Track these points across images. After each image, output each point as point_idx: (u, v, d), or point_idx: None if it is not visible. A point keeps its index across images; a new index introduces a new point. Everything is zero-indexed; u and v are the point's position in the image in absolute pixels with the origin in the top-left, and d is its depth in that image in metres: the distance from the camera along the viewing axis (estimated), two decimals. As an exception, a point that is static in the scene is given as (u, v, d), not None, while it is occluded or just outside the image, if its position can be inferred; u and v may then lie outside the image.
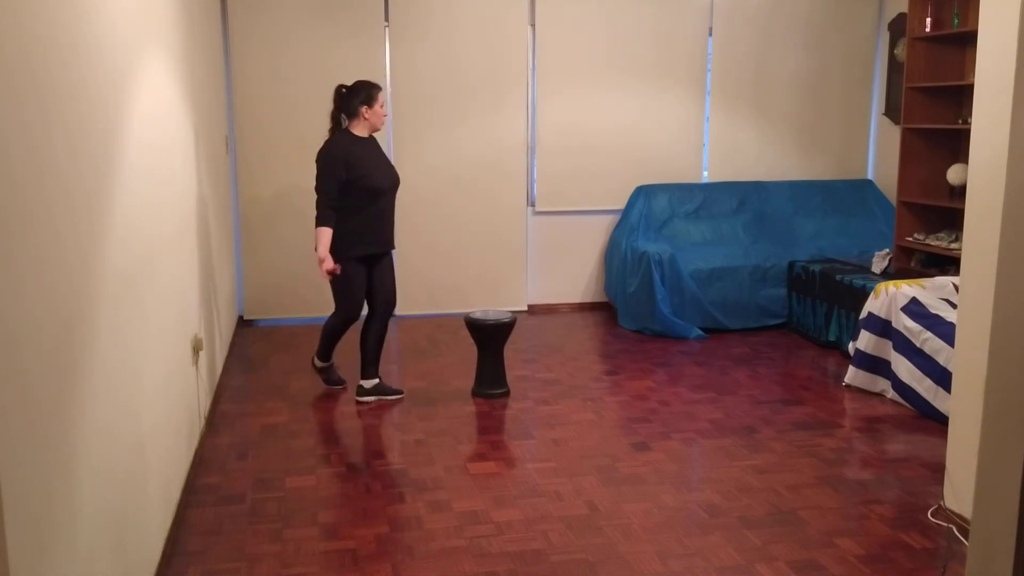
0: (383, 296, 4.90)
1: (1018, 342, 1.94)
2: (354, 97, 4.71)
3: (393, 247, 4.91)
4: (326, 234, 4.59)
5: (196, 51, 4.74)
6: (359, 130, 4.73)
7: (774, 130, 7.24)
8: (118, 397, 2.59)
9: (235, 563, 3.21)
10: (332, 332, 4.99)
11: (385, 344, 5.07)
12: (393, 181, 4.83)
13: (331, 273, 4.64)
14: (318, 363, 5.15)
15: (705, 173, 7.21)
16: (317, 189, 4.63)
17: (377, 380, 4.95)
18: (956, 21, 5.77)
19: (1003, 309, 1.99)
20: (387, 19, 6.49)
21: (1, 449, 1.64)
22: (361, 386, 4.94)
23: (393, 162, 6.48)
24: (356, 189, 4.64)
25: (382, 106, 4.74)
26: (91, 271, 2.33)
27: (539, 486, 3.85)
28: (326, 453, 4.22)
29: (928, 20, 5.89)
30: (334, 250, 4.65)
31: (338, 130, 4.75)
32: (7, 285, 1.70)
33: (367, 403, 4.91)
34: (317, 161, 4.67)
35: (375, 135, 4.87)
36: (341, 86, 4.80)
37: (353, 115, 4.72)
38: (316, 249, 4.64)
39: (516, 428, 4.56)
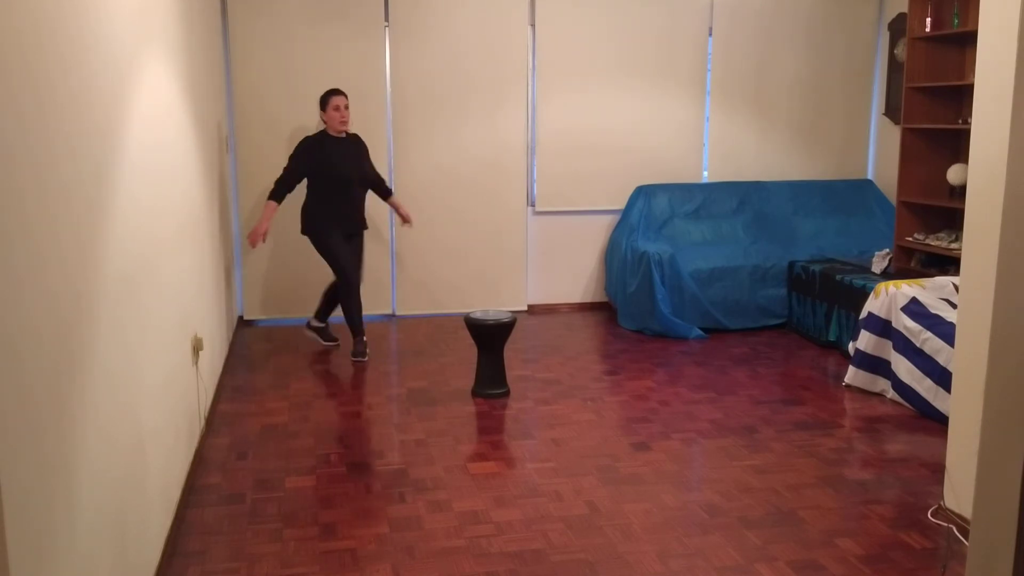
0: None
1: (1018, 342, 1.94)
2: (319, 104, 5.61)
3: (364, 228, 5.79)
4: (271, 208, 5.39)
5: (196, 51, 4.74)
6: (330, 130, 5.56)
7: (774, 130, 7.24)
8: (118, 397, 2.59)
9: (235, 563, 3.22)
10: (335, 297, 5.72)
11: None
12: (361, 175, 5.64)
13: (252, 241, 5.34)
14: (315, 323, 5.93)
15: (705, 173, 7.21)
16: (284, 168, 5.49)
17: (324, 325, 5.99)
18: (956, 21, 5.77)
19: (1003, 309, 1.99)
20: (387, 19, 6.49)
21: (1, 449, 1.64)
22: (310, 322, 6.01)
23: (392, 162, 6.59)
24: (326, 179, 5.49)
25: (336, 109, 5.48)
26: (91, 271, 2.33)
27: (539, 486, 3.86)
28: (326, 453, 4.22)
29: (928, 20, 5.89)
30: (313, 228, 5.53)
31: (321, 130, 5.62)
32: (7, 285, 1.70)
33: (310, 336, 6.01)
34: (295, 147, 5.55)
35: (362, 138, 5.77)
36: None
37: (322, 119, 5.62)
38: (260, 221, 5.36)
39: (516, 428, 4.57)
